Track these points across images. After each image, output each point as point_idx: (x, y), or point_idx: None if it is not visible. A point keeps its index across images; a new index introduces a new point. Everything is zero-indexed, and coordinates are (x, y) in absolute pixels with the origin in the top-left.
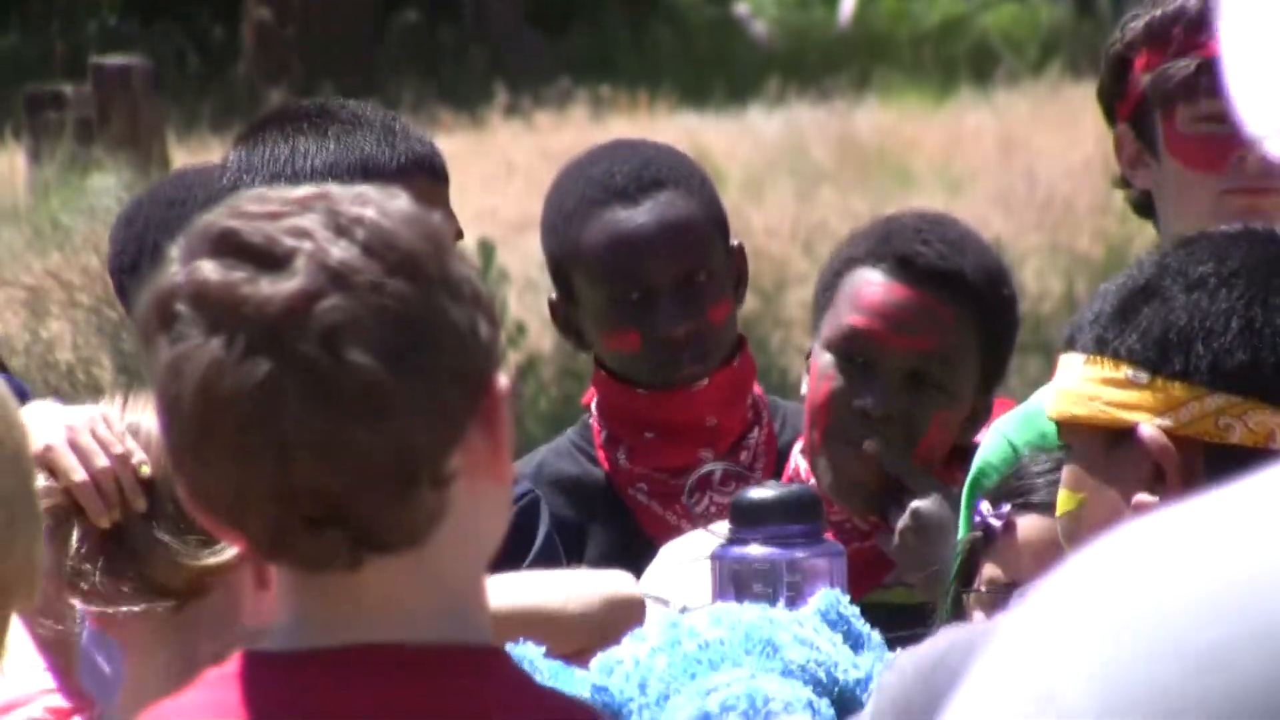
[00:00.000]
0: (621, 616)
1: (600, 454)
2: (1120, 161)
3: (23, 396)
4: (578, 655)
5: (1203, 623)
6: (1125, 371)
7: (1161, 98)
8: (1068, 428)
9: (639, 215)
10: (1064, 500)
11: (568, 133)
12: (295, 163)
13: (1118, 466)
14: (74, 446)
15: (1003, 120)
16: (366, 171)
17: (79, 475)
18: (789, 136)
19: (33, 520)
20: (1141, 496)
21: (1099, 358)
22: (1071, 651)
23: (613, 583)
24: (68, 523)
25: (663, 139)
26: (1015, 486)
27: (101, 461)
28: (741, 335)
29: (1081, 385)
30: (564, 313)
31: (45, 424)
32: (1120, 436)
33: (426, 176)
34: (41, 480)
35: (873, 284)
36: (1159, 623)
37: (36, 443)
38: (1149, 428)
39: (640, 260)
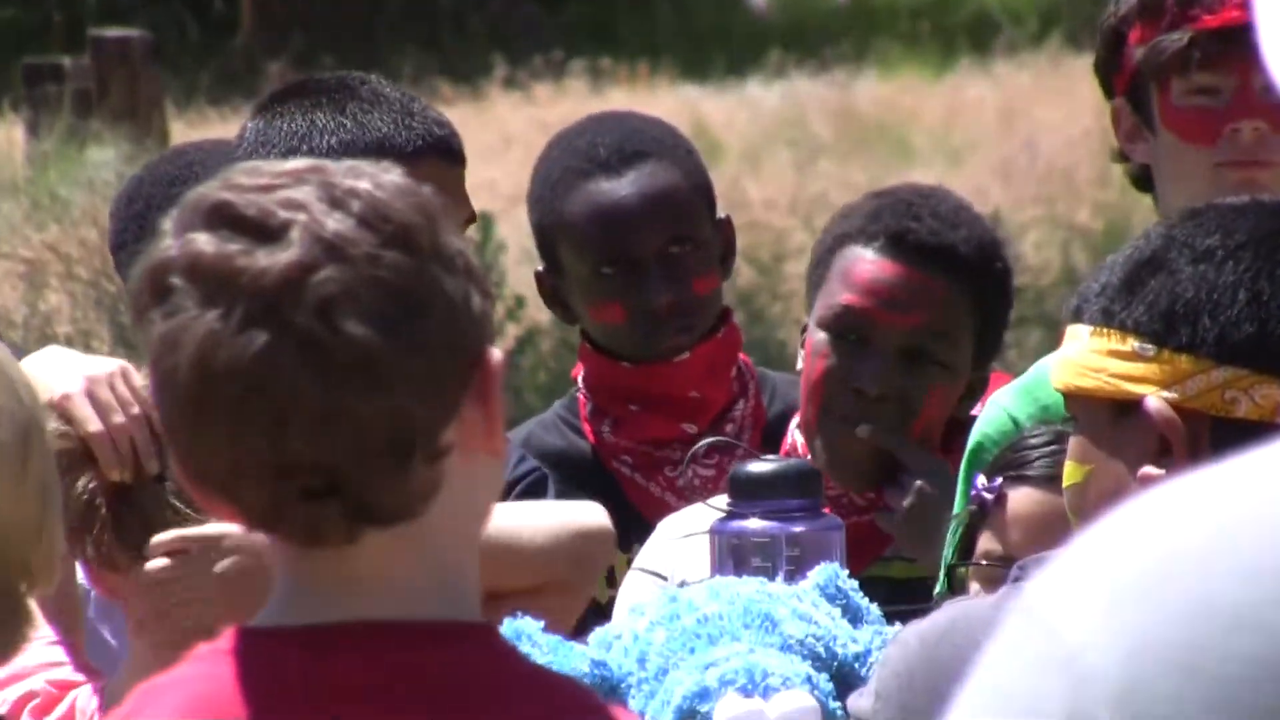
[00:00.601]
0: (591, 548)
1: (586, 427)
2: (1118, 135)
3: None
4: (547, 589)
5: (1233, 582)
6: (1131, 344)
7: (1155, 71)
8: (1074, 399)
9: (621, 187)
10: (1070, 472)
11: (567, 105)
12: (312, 139)
13: (1124, 439)
14: (92, 398)
15: (1002, 92)
16: (382, 152)
17: (95, 426)
18: (788, 109)
19: (58, 509)
20: (1147, 469)
21: (1105, 329)
22: (1092, 614)
23: (582, 513)
24: (75, 471)
25: (662, 111)
26: (1010, 459)
27: (119, 418)
28: (727, 308)
29: (1088, 357)
30: (551, 285)
31: (64, 372)
32: (1126, 408)
33: (442, 159)
34: (53, 424)
35: (865, 261)
36: (1187, 583)
37: (53, 390)
38: (1155, 400)
39: (623, 232)
